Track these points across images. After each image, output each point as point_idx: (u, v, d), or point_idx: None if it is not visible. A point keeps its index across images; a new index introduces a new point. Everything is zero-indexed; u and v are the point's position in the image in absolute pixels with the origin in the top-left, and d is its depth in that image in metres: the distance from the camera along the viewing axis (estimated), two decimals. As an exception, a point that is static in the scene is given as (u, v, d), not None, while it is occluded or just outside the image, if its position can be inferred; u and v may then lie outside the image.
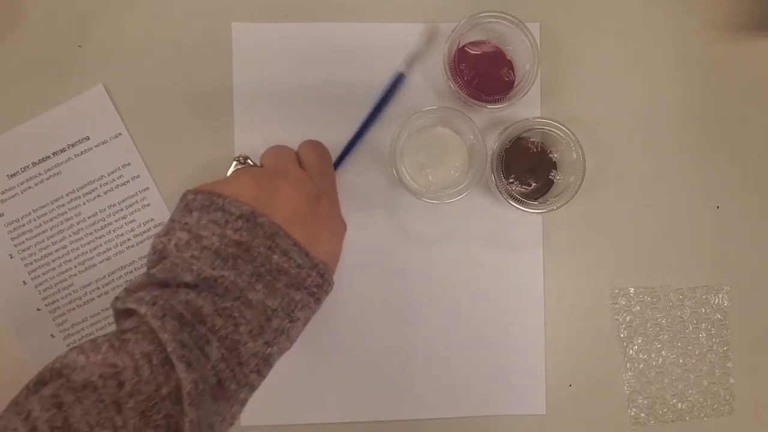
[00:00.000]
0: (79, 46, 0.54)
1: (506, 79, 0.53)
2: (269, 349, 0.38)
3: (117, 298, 0.38)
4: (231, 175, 0.46)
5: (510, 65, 0.54)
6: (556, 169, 0.53)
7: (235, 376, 0.37)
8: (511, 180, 0.52)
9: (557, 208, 0.51)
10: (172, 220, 0.41)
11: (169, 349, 0.34)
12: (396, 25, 0.55)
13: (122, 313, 0.38)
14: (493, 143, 0.51)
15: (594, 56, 0.56)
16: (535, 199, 0.52)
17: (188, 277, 0.37)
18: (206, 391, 0.35)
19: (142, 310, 0.36)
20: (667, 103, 0.56)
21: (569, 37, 0.56)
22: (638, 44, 0.56)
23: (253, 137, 0.53)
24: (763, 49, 0.56)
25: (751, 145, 0.56)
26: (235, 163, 0.47)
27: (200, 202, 0.40)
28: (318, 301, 0.42)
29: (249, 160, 0.48)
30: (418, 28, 0.54)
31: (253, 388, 0.39)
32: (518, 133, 0.52)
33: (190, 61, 0.54)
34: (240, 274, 0.38)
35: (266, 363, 0.39)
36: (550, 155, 0.53)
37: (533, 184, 0.53)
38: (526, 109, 0.55)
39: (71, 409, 0.32)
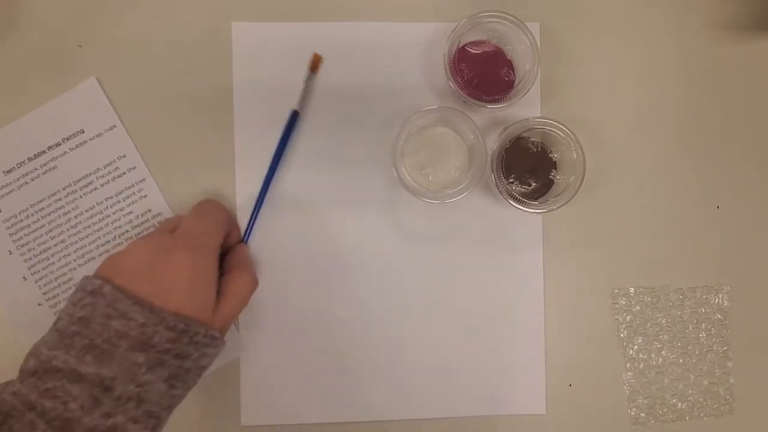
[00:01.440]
0: (79, 46, 0.53)
1: (506, 79, 0.53)
2: (111, 420, 0.36)
3: None
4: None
5: (510, 65, 0.54)
6: (556, 169, 0.53)
7: None
8: (511, 180, 0.52)
9: (557, 208, 0.50)
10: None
11: None
12: (396, 24, 0.55)
13: None
14: (493, 143, 0.51)
15: (594, 56, 0.56)
16: (535, 199, 0.52)
17: (31, 362, 0.38)
18: None
19: None
20: (667, 103, 0.56)
21: (569, 37, 0.56)
22: (638, 44, 0.56)
23: (252, 133, 0.54)
24: (763, 49, 0.56)
25: (751, 145, 0.56)
26: None
27: (81, 284, 0.42)
28: (180, 355, 0.40)
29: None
30: (418, 27, 0.55)
31: None
32: (518, 133, 0.51)
33: (189, 59, 0.54)
34: (69, 350, 0.37)
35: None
36: (550, 155, 0.53)
37: (533, 184, 0.53)
38: (526, 108, 0.55)
39: None
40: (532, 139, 0.53)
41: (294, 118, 0.53)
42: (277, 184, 0.54)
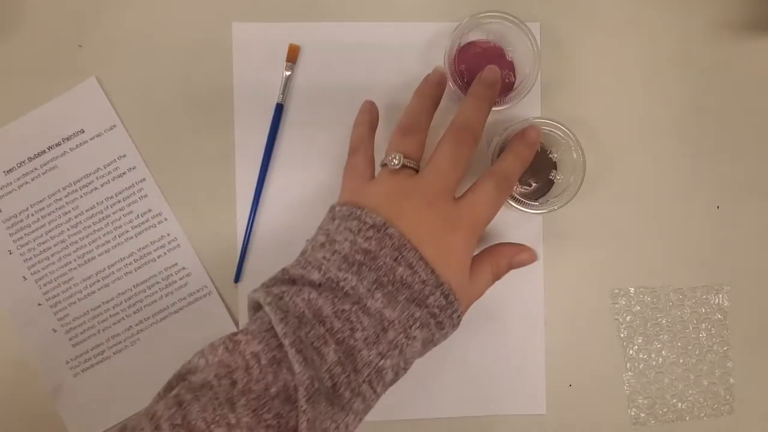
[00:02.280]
0: (79, 46, 0.53)
1: (506, 80, 0.53)
2: (382, 361, 0.37)
3: (253, 291, 0.40)
4: (376, 180, 0.45)
5: (511, 66, 0.54)
6: (556, 169, 0.53)
7: (350, 383, 0.36)
8: None
9: (558, 208, 0.50)
10: (319, 228, 0.44)
11: (286, 343, 0.35)
12: (398, 24, 0.55)
13: (253, 306, 0.40)
14: (493, 143, 0.51)
15: (594, 56, 0.56)
16: (536, 200, 0.52)
17: (315, 275, 0.39)
18: (321, 392, 0.35)
19: (267, 302, 0.37)
20: (667, 103, 0.56)
21: (569, 36, 0.56)
22: (638, 44, 0.56)
23: (253, 133, 0.54)
24: (763, 49, 0.56)
25: (751, 145, 0.56)
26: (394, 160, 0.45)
27: (343, 212, 0.42)
28: (440, 325, 0.40)
29: (407, 162, 0.44)
30: (418, 27, 0.55)
31: (365, 400, 0.37)
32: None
33: (190, 59, 0.54)
34: (362, 279, 0.38)
35: (378, 376, 0.38)
36: (550, 155, 0.53)
37: (533, 185, 0.53)
38: (526, 108, 0.55)
39: (190, 406, 0.33)
40: None
41: (278, 111, 0.53)
42: (276, 182, 0.54)
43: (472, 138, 0.44)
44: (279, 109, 0.54)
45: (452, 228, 0.42)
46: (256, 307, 0.40)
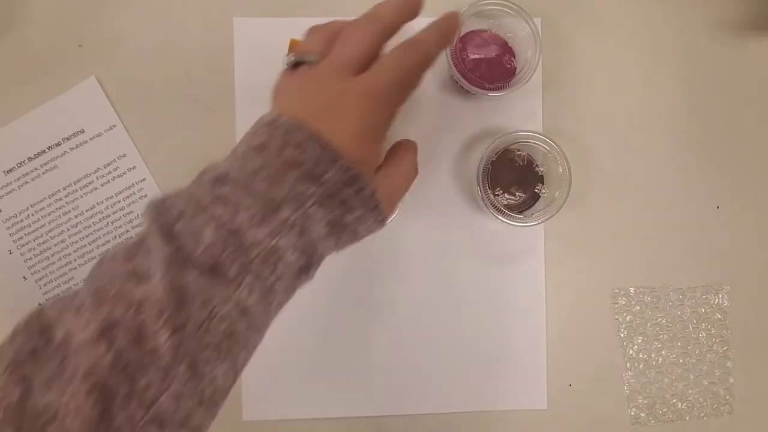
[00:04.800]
0: (80, 45, 0.53)
1: (507, 66, 0.54)
2: (275, 240, 0.35)
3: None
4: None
5: (511, 53, 0.54)
6: (542, 183, 0.53)
7: (236, 260, 0.34)
8: (497, 192, 0.52)
9: (541, 222, 0.51)
10: None
11: (150, 230, 0.33)
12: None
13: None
14: (480, 155, 0.51)
15: (594, 54, 0.56)
16: (521, 212, 0.52)
17: (207, 177, 0.37)
18: (190, 264, 0.33)
19: (147, 205, 0.36)
20: (667, 103, 0.56)
21: (570, 33, 0.56)
22: (638, 43, 0.56)
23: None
24: (763, 49, 0.56)
25: (751, 145, 0.56)
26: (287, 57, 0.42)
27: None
28: (344, 205, 0.37)
29: (306, 57, 0.41)
30: (421, 21, 0.54)
31: (259, 278, 0.35)
32: (505, 146, 0.52)
33: (190, 58, 0.54)
34: (244, 166, 0.36)
35: (274, 255, 0.35)
36: (537, 168, 0.53)
37: (519, 196, 0.53)
38: (527, 105, 0.55)
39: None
40: (518, 152, 0.53)
41: None
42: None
43: (374, 19, 0.41)
44: None
45: (348, 97, 0.38)
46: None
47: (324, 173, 0.36)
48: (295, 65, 0.41)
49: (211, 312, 0.33)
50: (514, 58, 0.54)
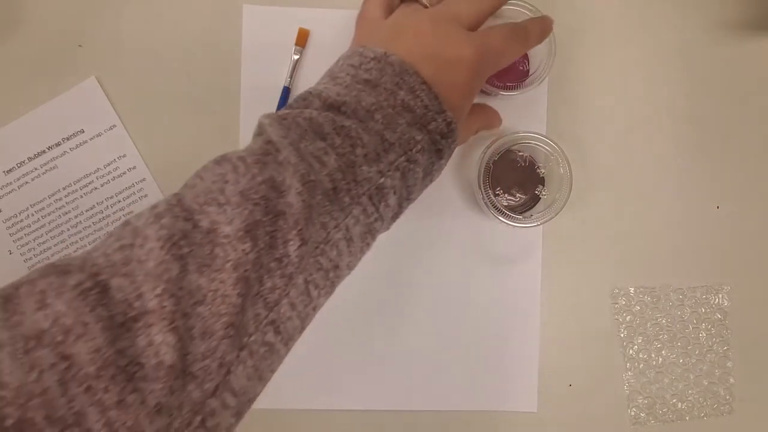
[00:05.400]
0: (80, 45, 0.53)
1: (521, 68, 0.54)
2: (383, 179, 0.37)
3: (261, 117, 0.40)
4: (390, 17, 0.45)
5: (525, 55, 0.54)
6: (543, 184, 0.53)
7: (350, 190, 0.36)
8: (498, 192, 0.52)
9: (540, 224, 0.51)
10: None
11: (284, 143, 0.34)
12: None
13: (258, 133, 0.39)
14: (481, 155, 0.51)
15: (595, 54, 0.56)
16: (522, 213, 0.52)
17: (316, 103, 0.38)
18: (319, 185, 0.34)
19: (267, 121, 0.36)
20: (667, 103, 0.56)
21: (571, 35, 0.56)
22: (638, 43, 0.56)
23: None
24: (763, 49, 0.56)
25: (751, 145, 0.56)
26: None
27: (347, 53, 0.42)
28: (439, 153, 0.40)
29: None
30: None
31: (366, 213, 0.37)
32: (507, 147, 0.52)
33: (190, 57, 0.54)
34: (360, 101, 0.37)
35: (379, 194, 0.37)
36: (538, 170, 0.53)
37: (520, 197, 0.53)
38: (532, 108, 0.55)
39: (184, 191, 0.34)
40: (520, 153, 0.53)
41: (285, 94, 0.53)
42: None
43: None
44: (286, 93, 0.53)
45: (457, 49, 0.40)
46: (260, 133, 0.38)
47: (431, 122, 0.38)
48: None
49: (327, 236, 0.35)
50: (528, 60, 0.54)
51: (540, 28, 0.47)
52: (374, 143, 0.37)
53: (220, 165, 0.35)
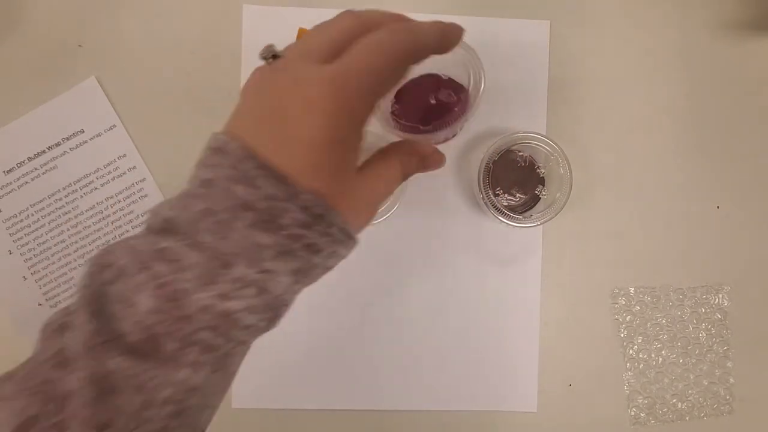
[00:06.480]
0: (79, 45, 0.53)
1: (449, 101, 0.50)
2: (227, 304, 0.29)
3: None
4: None
5: (449, 85, 0.50)
6: (543, 184, 0.53)
7: (176, 332, 0.28)
8: (497, 192, 0.52)
9: (540, 224, 0.51)
10: None
11: (79, 303, 0.29)
12: (417, 14, 0.54)
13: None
14: (481, 155, 0.51)
15: (595, 55, 0.56)
16: (522, 213, 0.52)
17: (155, 223, 0.31)
18: (114, 345, 0.28)
19: (89, 260, 0.31)
20: (667, 103, 0.56)
21: (572, 36, 0.56)
22: (638, 43, 0.56)
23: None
24: (763, 49, 0.56)
25: (752, 145, 0.56)
26: None
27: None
28: (312, 248, 0.30)
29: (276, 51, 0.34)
30: (427, 18, 0.54)
31: (211, 349, 0.30)
32: (507, 147, 0.52)
33: (190, 57, 0.54)
34: (187, 211, 0.30)
35: (226, 321, 0.29)
36: (538, 170, 0.53)
37: (520, 197, 0.53)
38: (532, 108, 0.55)
39: None
40: (520, 153, 0.53)
41: None
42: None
43: (358, 14, 0.34)
44: None
45: (303, 92, 0.30)
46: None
47: (282, 214, 0.29)
48: (273, 58, 0.33)
49: (147, 400, 0.28)
50: (454, 90, 0.50)
51: (439, 27, 0.35)
52: (207, 261, 0.29)
53: (42, 329, 0.30)
